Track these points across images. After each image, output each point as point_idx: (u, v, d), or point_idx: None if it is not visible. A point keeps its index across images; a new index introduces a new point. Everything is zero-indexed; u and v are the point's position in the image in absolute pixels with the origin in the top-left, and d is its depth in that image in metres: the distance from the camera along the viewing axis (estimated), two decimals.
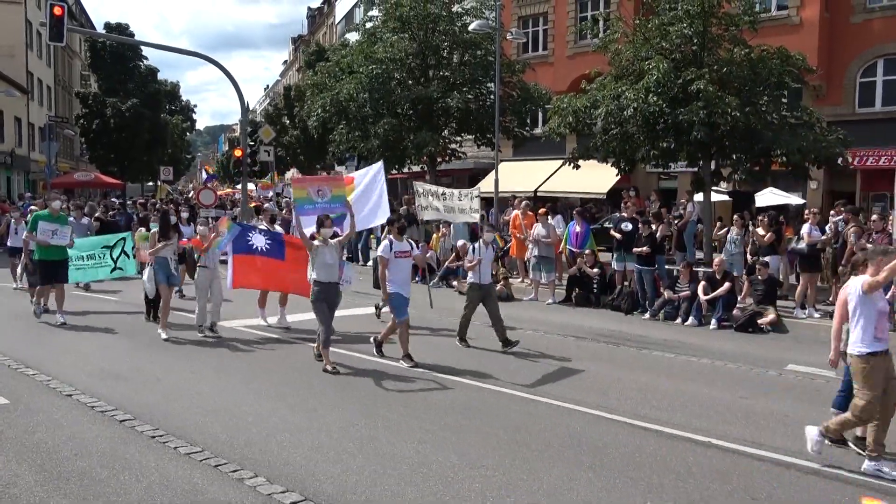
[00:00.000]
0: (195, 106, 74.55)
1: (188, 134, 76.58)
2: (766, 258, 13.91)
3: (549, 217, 16.55)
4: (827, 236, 14.00)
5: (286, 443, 6.52)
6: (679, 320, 13.48)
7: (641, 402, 8.11)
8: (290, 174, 59.74)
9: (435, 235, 18.98)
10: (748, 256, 14.59)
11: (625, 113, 15.85)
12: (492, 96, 23.11)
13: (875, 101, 22.82)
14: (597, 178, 23.85)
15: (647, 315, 13.98)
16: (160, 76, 54.99)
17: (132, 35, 49.78)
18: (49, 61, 51.70)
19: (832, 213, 14.66)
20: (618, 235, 14.99)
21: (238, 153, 25.71)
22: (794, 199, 21.74)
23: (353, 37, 29.82)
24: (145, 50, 51.64)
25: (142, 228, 15.41)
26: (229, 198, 36.56)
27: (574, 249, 16.22)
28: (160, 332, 10.99)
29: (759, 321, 12.82)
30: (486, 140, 24.70)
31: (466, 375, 9.07)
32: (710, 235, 17.22)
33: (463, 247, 16.77)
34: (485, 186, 27.54)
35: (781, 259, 15.06)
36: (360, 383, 8.67)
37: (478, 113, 23.90)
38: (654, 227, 14.46)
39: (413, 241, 10.35)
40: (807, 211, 15.32)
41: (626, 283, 15.05)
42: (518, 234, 17.18)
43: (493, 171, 22.48)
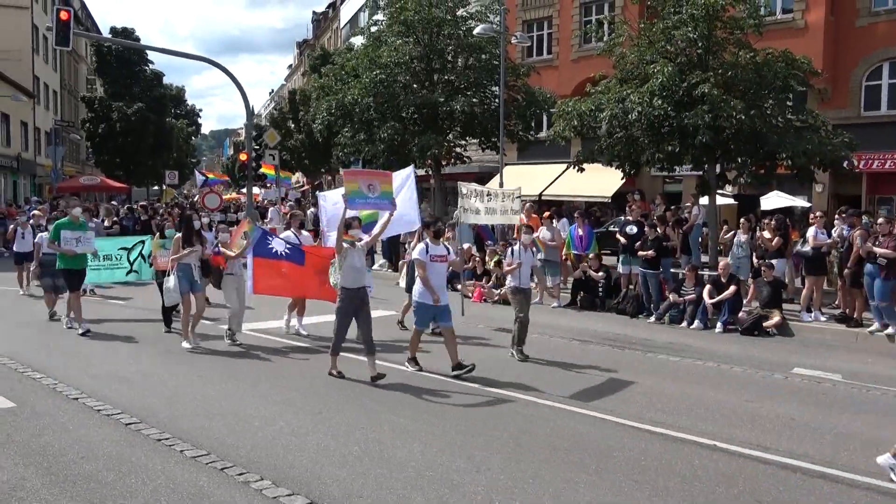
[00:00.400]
0: (200, 110, 75.14)
1: (193, 138, 76.90)
2: (772, 261, 13.89)
3: (554, 220, 16.55)
4: (832, 239, 13.97)
5: (292, 446, 6.53)
6: (684, 324, 13.48)
7: (647, 405, 8.10)
8: (295, 177, 59.88)
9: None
10: (755, 260, 14.57)
11: (629, 116, 15.84)
12: (496, 100, 23.12)
13: (881, 104, 22.78)
14: (602, 181, 23.84)
15: (653, 318, 13.97)
16: (166, 80, 55.30)
17: (138, 39, 49.99)
18: (55, 66, 51.93)
19: (837, 219, 14.62)
20: (622, 239, 14.99)
21: (243, 157, 25.72)
22: (800, 203, 21.70)
23: (357, 41, 29.91)
24: (151, 54, 51.98)
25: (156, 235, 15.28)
26: (233, 203, 36.66)
27: (578, 253, 16.21)
28: (183, 344, 10.63)
29: (765, 324, 12.80)
30: (490, 144, 24.73)
31: (470, 379, 9.07)
32: (716, 239, 17.19)
33: (468, 250, 16.78)
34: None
35: (787, 262, 15.04)
36: (365, 387, 8.67)
37: (482, 117, 23.92)
38: (661, 231, 14.45)
39: (448, 246, 10.06)
40: (812, 214, 15.30)
41: (631, 287, 15.05)
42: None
43: (498, 175, 22.49)
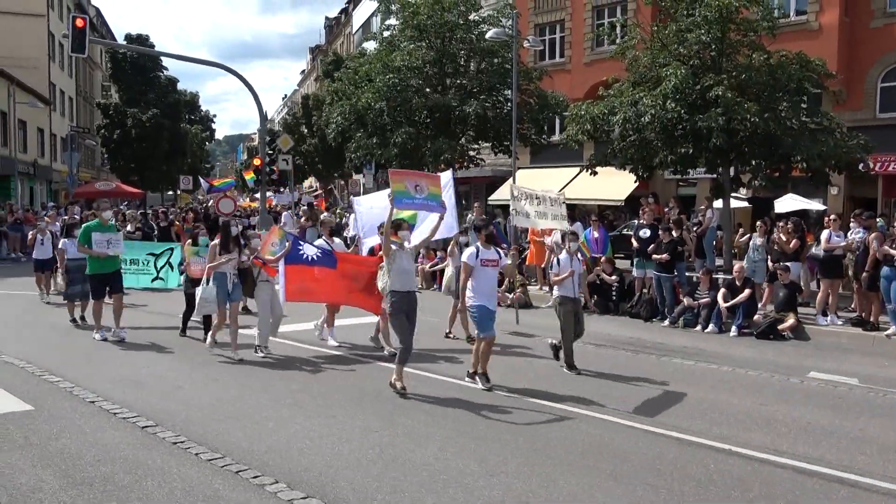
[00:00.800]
0: (214, 115, 75.27)
1: (207, 143, 77.22)
2: (788, 264, 13.81)
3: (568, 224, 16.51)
4: (847, 242, 13.86)
5: (306, 449, 6.55)
6: (699, 327, 13.41)
7: (661, 409, 8.07)
8: (308, 182, 60.13)
9: (451, 242, 18.88)
10: (770, 263, 14.50)
11: (642, 119, 15.82)
12: (509, 104, 23.13)
13: None
14: (615, 185, 23.78)
15: (667, 322, 13.92)
16: (180, 86, 55.70)
17: (152, 46, 50.36)
18: (71, 72, 52.41)
19: (852, 221, 14.51)
20: (635, 242, 14.94)
21: (257, 162, 25.86)
22: (815, 205, 21.56)
23: (370, 45, 29.99)
24: (165, 60, 52.28)
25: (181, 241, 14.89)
26: (243, 210, 36.73)
27: (595, 255, 16.17)
28: (210, 348, 10.44)
29: (780, 327, 12.72)
30: (503, 147, 24.74)
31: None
32: (730, 242, 17.11)
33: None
34: (502, 194, 27.71)
35: (802, 266, 14.94)
36: (379, 390, 8.67)
37: (495, 120, 23.94)
38: (675, 234, 14.40)
39: (499, 250, 9.53)
40: (827, 217, 15.20)
41: (645, 290, 15.00)
42: (537, 240, 17.15)
43: (511, 179, 22.47)
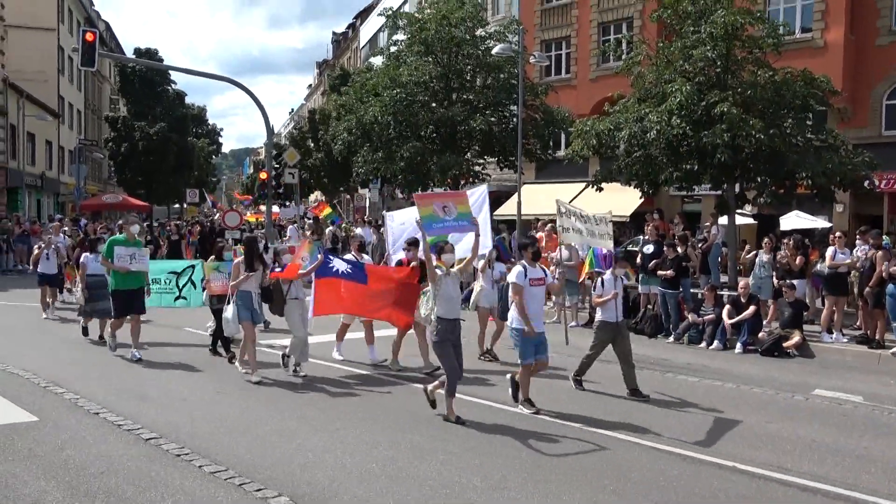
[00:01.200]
0: (221, 129, 75.68)
1: (214, 157, 77.55)
2: (793, 281, 13.79)
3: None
4: (852, 259, 13.84)
5: (309, 463, 6.55)
6: (703, 344, 13.38)
7: (665, 426, 8.04)
8: (314, 197, 60.30)
9: None
10: (775, 280, 14.47)
11: (648, 135, 15.84)
12: (515, 119, 23.23)
13: None
14: (620, 200, 23.77)
15: (672, 338, 13.89)
16: (188, 100, 55.93)
17: (161, 60, 50.68)
18: (80, 86, 52.78)
19: (858, 239, 14.49)
20: (638, 259, 14.92)
21: (263, 176, 25.98)
22: (820, 223, 21.53)
23: (377, 61, 30.17)
24: (173, 74, 52.55)
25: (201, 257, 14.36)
26: (249, 223, 36.84)
27: (602, 271, 16.11)
28: (241, 369, 10.08)
29: (785, 344, 12.68)
30: (508, 163, 24.81)
31: (483, 397, 9.05)
32: (735, 259, 17.08)
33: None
34: (507, 209, 27.75)
35: (807, 283, 14.91)
36: (382, 405, 8.69)
37: (501, 136, 24.03)
38: (680, 250, 14.39)
39: (544, 268, 9.06)
40: (832, 235, 15.18)
41: (649, 306, 14.97)
42: (543, 255, 17.15)
43: (516, 194, 22.53)
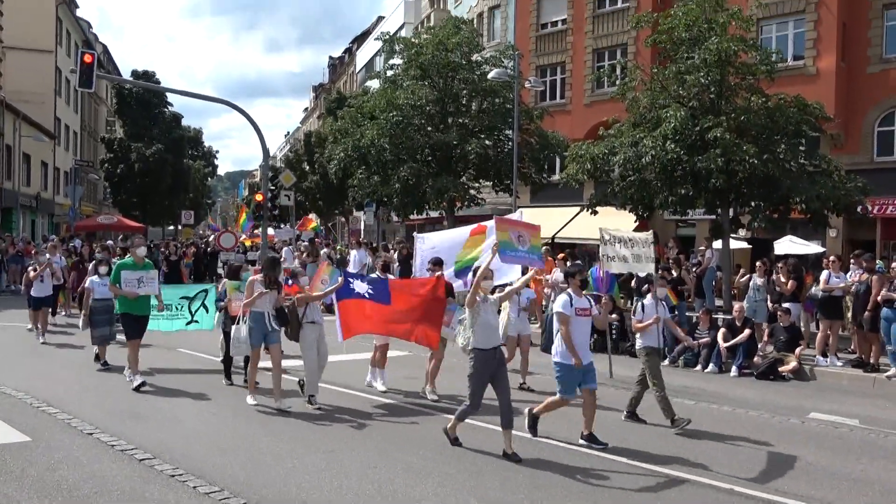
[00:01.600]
0: (217, 152, 75.89)
1: (209, 179, 77.70)
2: (787, 305, 13.83)
3: (568, 263, 16.56)
4: (846, 283, 13.90)
5: (305, 484, 6.51)
6: (699, 367, 13.39)
7: (662, 448, 8.02)
8: (316, 222, 60.35)
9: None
10: (769, 304, 14.51)
11: (643, 160, 15.98)
12: (510, 143, 23.38)
13: (894, 149, 22.77)
14: (615, 224, 23.70)
15: (667, 362, 13.86)
16: (184, 123, 56.19)
17: (158, 82, 50.98)
18: (76, 107, 52.94)
19: (852, 263, 14.57)
20: (632, 282, 14.97)
21: (259, 198, 26.00)
22: (814, 248, 21.65)
23: (373, 84, 30.38)
24: (170, 97, 52.86)
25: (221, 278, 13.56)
26: (243, 245, 36.81)
27: (599, 294, 16.14)
28: (248, 399, 9.53)
29: (781, 369, 12.70)
30: (504, 186, 24.93)
31: (485, 419, 9.04)
32: (729, 282, 17.14)
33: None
34: None
35: (801, 307, 14.94)
36: (377, 426, 8.64)
37: (496, 159, 24.18)
38: (675, 274, 14.44)
39: (590, 298, 8.57)
40: (826, 258, 15.26)
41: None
42: (538, 277, 17.16)
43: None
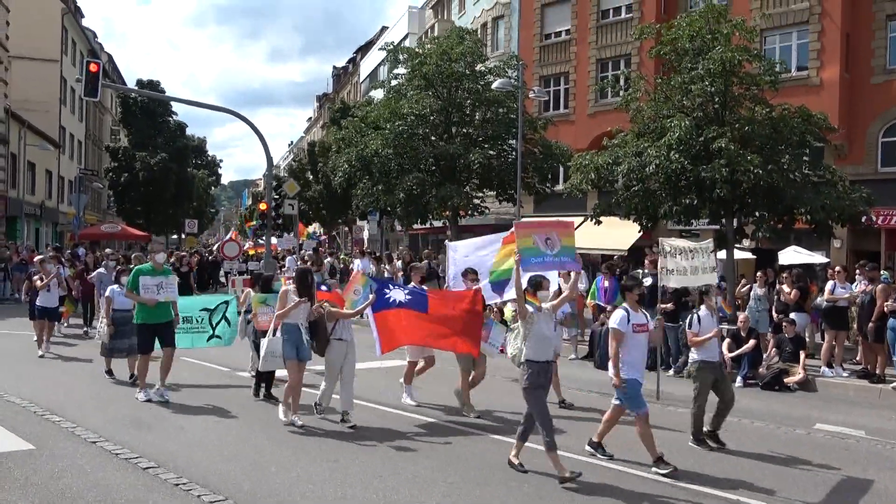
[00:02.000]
0: (221, 161, 76.12)
1: (213, 188, 77.92)
2: (793, 315, 13.79)
3: (572, 273, 16.53)
4: (851, 294, 13.87)
5: (309, 493, 6.49)
6: None
7: (668, 458, 7.97)
8: (312, 228, 60.38)
9: None
10: (773, 314, 14.47)
11: (647, 170, 15.96)
12: (514, 153, 23.40)
13: None
14: (619, 234, 23.87)
15: (671, 372, 13.83)
16: (188, 132, 56.39)
17: (163, 92, 51.14)
18: (81, 116, 53.12)
19: (858, 273, 14.54)
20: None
21: (263, 207, 26.04)
22: (818, 258, 21.61)
23: (377, 94, 30.47)
24: (174, 106, 53.06)
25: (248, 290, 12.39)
26: (247, 255, 36.82)
27: (602, 305, 16.13)
28: (282, 416, 8.99)
29: (787, 379, 12.65)
30: (507, 196, 24.93)
31: (491, 429, 9.00)
32: (734, 293, 17.10)
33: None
34: None
35: (807, 317, 14.91)
36: (382, 435, 8.61)
37: (500, 169, 24.20)
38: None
39: (646, 313, 8.14)
40: (831, 269, 15.23)
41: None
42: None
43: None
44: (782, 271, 16.06)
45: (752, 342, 13.10)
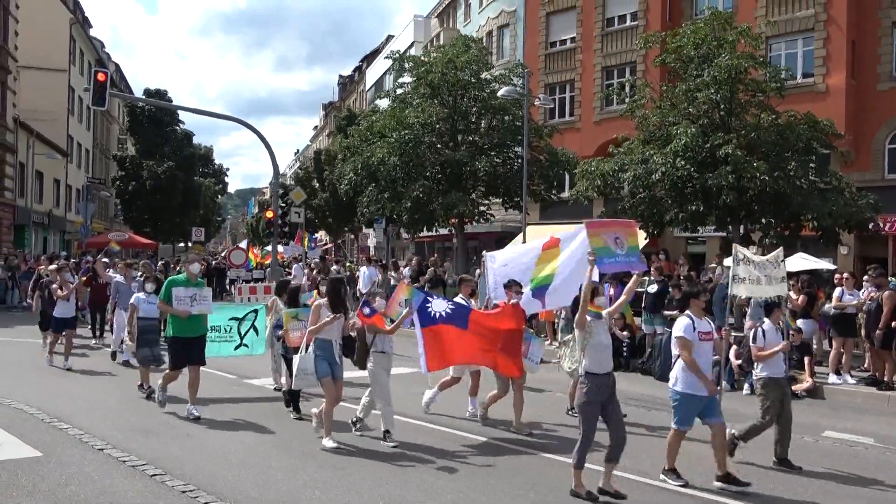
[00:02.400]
0: (227, 169, 76.42)
1: (219, 197, 78.15)
2: (800, 322, 13.73)
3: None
4: (859, 301, 13.81)
5: (315, 500, 6.49)
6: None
7: (676, 466, 7.94)
8: (318, 236, 60.47)
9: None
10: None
11: (653, 177, 15.99)
12: (519, 160, 23.44)
13: None
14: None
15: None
16: (195, 140, 56.61)
17: (170, 101, 51.39)
18: (88, 125, 53.40)
19: (865, 279, 14.48)
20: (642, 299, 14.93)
21: (269, 215, 26.10)
22: (824, 265, 21.52)
23: (383, 103, 30.57)
24: (181, 114, 53.29)
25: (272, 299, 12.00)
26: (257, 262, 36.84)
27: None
28: (325, 442, 8.27)
29: (794, 387, 12.57)
30: (513, 203, 24.97)
31: (499, 438, 8.98)
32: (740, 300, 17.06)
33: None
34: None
35: (814, 324, 14.84)
36: (393, 443, 8.60)
37: (506, 176, 24.26)
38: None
39: (710, 321, 7.86)
40: (839, 275, 15.17)
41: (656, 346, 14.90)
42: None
43: (521, 235, 22.60)
44: (790, 278, 16.00)
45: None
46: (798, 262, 20.60)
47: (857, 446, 9.22)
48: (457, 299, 9.98)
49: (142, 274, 14.29)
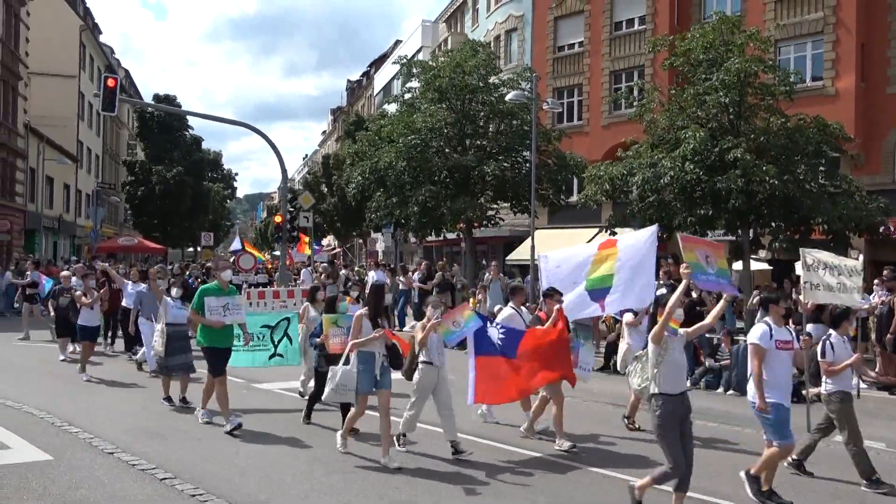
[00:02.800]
0: (236, 174, 76.72)
1: (228, 201, 78.43)
2: (810, 327, 13.65)
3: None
4: (870, 305, 13.74)
5: None
6: (721, 389, 13.23)
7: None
8: (326, 241, 60.59)
9: (471, 300, 18.83)
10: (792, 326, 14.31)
11: (661, 181, 15.95)
12: (528, 164, 23.44)
13: None
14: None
15: (688, 384, 13.71)
16: (204, 146, 56.89)
17: (179, 106, 51.66)
18: (98, 131, 53.71)
19: (876, 283, 14.41)
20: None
21: (278, 219, 26.19)
22: None
23: (391, 108, 30.64)
24: (190, 120, 53.54)
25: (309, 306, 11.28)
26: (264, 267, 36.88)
27: (617, 317, 16.01)
28: (339, 445, 8.26)
29: (804, 391, 12.50)
30: (522, 207, 24.95)
31: (511, 443, 8.97)
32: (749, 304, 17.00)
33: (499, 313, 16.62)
34: (520, 254, 27.81)
35: (824, 328, 14.76)
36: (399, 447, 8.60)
37: (514, 181, 24.25)
38: (695, 295, 14.32)
39: (791, 329, 7.52)
40: None
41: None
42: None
43: (529, 239, 22.59)
44: (798, 282, 15.94)
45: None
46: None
47: (868, 451, 9.13)
48: (506, 309, 9.76)
49: (168, 279, 13.32)
